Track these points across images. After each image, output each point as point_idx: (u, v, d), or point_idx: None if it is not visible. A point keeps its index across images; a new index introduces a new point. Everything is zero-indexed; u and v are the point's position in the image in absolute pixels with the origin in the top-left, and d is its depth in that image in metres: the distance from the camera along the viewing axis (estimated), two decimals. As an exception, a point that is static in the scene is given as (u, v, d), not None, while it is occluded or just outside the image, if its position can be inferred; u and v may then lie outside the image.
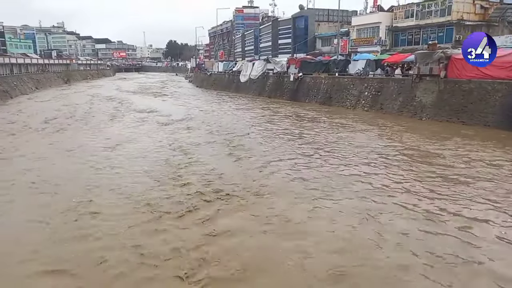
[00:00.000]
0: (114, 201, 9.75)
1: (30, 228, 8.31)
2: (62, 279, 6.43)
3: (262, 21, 69.21)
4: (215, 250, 7.27)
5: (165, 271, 6.59)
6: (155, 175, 11.93)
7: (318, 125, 21.30)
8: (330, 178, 11.52)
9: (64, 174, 12.14)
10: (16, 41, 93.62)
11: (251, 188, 10.65)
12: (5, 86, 41.06)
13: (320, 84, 31.72)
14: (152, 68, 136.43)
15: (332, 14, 51.24)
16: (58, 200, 9.85)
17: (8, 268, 6.73)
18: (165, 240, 7.69)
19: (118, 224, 8.38)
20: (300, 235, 7.89)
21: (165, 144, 16.60)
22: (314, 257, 7.09)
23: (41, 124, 22.18)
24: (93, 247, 7.43)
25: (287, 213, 8.93)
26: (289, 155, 14.34)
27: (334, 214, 8.91)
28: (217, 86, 52.67)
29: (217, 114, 26.88)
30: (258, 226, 8.33)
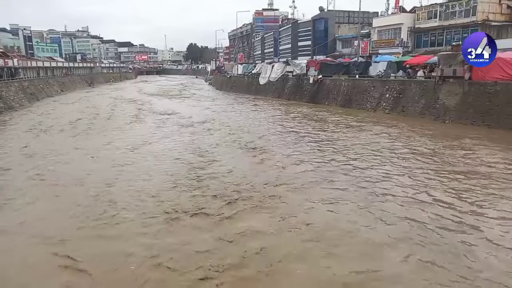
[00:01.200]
0: (132, 200, 9.94)
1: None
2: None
3: (282, 24, 69.23)
4: (234, 251, 7.32)
5: (182, 272, 6.66)
6: (175, 175, 12.09)
7: (339, 128, 21.08)
8: (352, 182, 11.40)
9: (85, 173, 12.47)
10: (43, 45, 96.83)
11: (270, 189, 10.66)
12: (32, 89, 42.46)
13: (340, 86, 31.45)
14: (173, 71, 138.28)
15: (352, 15, 50.81)
16: (78, 198, 10.12)
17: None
18: (183, 240, 7.79)
19: (136, 223, 8.54)
20: (319, 237, 7.86)
21: (185, 145, 16.80)
22: (335, 260, 7.05)
23: (65, 126, 22.82)
24: (109, 247, 7.61)
25: (308, 215, 8.91)
26: (310, 158, 14.26)
27: (357, 218, 8.83)
28: (236, 88, 52.93)
29: (236, 116, 27.01)
30: (278, 228, 8.32)
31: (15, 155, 15.54)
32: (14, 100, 35.01)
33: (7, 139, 19.12)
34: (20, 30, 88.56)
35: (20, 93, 37.66)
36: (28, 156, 15.33)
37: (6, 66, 41.16)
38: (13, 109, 32.42)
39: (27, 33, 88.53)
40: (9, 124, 24.29)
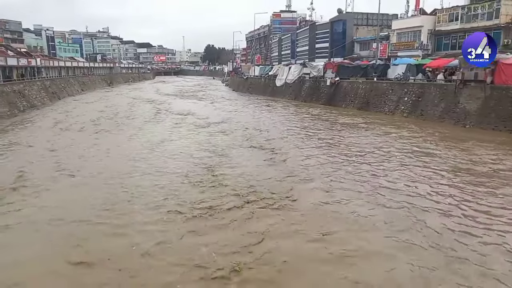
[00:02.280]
0: (148, 200, 10.07)
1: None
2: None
3: (300, 26, 69.02)
4: (249, 252, 7.35)
5: (196, 273, 6.72)
6: (191, 175, 12.21)
7: (356, 131, 20.90)
8: (369, 187, 11.29)
9: (103, 171, 12.73)
10: (65, 45, 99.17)
11: (284, 191, 10.65)
12: (54, 88, 43.52)
13: (357, 89, 31.18)
14: (190, 72, 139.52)
15: (371, 18, 50.25)
16: (94, 189, 10.33)
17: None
18: (198, 241, 7.86)
19: (152, 224, 8.64)
20: (333, 241, 7.82)
21: (201, 145, 16.94)
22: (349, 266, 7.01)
23: (86, 124, 23.31)
24: (125, 242, 7.76)
25: (322, 219, 8.88)
26: (325, 161, 14.19)
27: (375, 223, 8.75)
28: (253, 90, 53.04)
29: (252, 117, 27.07)
30: (293, 230, 8.32)
31: (38, 151, 16.04)
32: (37, 98, 35.94)
33: (31, 136, 19.69)
34: (43, 31, 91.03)
35: (42, 92, 38.64)
36: (50, 151, 15.87)
37: (29, 66, 42.29)
38: (36, 107, 33.29)
39: (50, 33, 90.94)
40: (32, 122, 24.95)
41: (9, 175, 12.29)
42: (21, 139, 18.85)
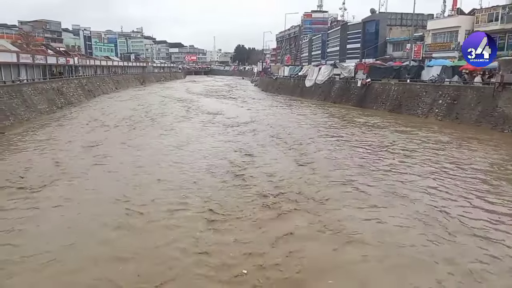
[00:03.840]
0: (176, 198, 10.27)
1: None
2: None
3: (331, 26, 68.32)
4: (274, 253, 7.36)
5: (223, 272, 6.79)
6: (219, 174, 12.35)
7: (389, 134, 20.44)
8: (401, 193, 11.04)
9: (134, 164, 13.11)
10: (101, 45, 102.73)
11: (312, 194, 10.58)
12: (90, 86, 45.17)
13: (389, 91, 30.50)
14: (220, 72, 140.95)
15: (405, 18, 48.99)
16: (124, 192, 10.65)
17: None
18: (223, 240, 7.95)
19: (177, 222, 8.80)
20: (359, 245, 7.71)
21: (230, 145, 17.09)
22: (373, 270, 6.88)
23: (119, 122, 24.06)
24: (150, 241, 7.93)
25: (349, 222, 8.76)
26: (356, 165, 13.94)
27: (401, 227, 8.55)
28: (282, 90, 52.94)
29: (281, 117, 27.01)
30: (318, 232, 8.26)
31: (75, 146, 16.79)
32: (74, 96, 37.43)
33: (68, 132, 20.58)
34: (81, 31, 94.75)
35: (79, 90, 40.20)
36: (86, 147, 16.57)
37: (67, 64, 44.09)
38: (72, 104, 34.67)
39: (87, 33, 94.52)
40: (69, 119, 26.03)
41: (50, 166, 13.02)
42: (59, 134, 19.75)
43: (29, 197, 10.28)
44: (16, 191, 10.78)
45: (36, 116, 26.30)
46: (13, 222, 8.63)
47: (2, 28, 72.97)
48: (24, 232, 8.22)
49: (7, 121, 22.38)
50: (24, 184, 11.29)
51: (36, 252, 7.28)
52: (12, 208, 9.49)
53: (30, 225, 8.52)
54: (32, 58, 34.00)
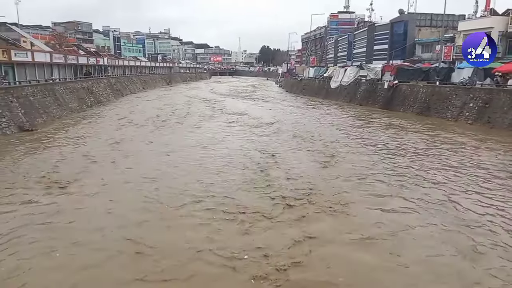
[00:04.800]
0: (200, 198, 10.38)
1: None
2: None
3: (358, 27, 67.34)
4: (296, 255, 7.33)
5: (245, 272, 6.80)
6: (242, 175, 12.42)
7: (416, 136, 19.94)
8: (434, 201, 10.77)
9: (160, 163, 13.36)
10: (129, 45, 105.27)
11: (337, 196, 10.47)
12: (118, 86, 46.37)
13: (417, 93, 29.77)
14: (245, 73, 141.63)
15: (435, 18, 47.68)
16: (152, 192, 10.86)
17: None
18: (248, 240, 7.98)
19: (200, 220, 8.90)
20: (384, 250, 7.57)
21: (253, 145, 17.14)
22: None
23: (146, 121, 24.58)
24: (176, 238, 8.06)
25: (375, 226, 8.62)
26: (381, 170, 13.68)
27: (429, 235, 8.35)
28: (306, 91, 52.62)
29: (305, 119, 26.86)
30: (343, 236, 8.17)
31: (104, 143, 17.36)
32: (103, 95, 38.53)
33: (98, 129, 21.28)
34: (111, 31, 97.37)
35: (108, 89, 41.35)
36: (115, 143, 17.17)
37: (97, 64, 45.46)
38: (101, 103, 35.69)
39: (117, 34, 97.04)
40: (99, 117, 26.82)
41: (80, 162, 13.54)
42: (89, 132, 20.44)
43: (62, 191, 10.68)
44: (50, 184, 11.23)
45: (67, 114, 27.23)
46: (48, 212, 8.99)
47: (37, 29, 75.99)
48: (63, 216, 8.58)
49: (40, 119, 23.28)
50: (57, 178, 11.73)
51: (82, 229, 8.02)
52: (48, 201, 9.87)
53: (63, 217, 8.85)
54: (64, 58, 35.26)
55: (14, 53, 26.39)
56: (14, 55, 26.24)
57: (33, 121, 21.97)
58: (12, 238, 7.81)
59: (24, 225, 8.42)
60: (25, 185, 11.12)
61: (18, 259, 7.02)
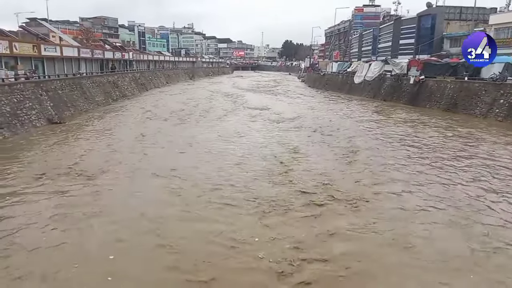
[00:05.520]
0: (222, 191, 10.48)
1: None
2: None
3: (383, 21, 65.97)
4: (317, 251, 7.31)
5: (265, 265, 6.84)
6: (264, 169, 12.43)
7: (443, 133, 19.40)
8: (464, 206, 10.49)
9: (181, 157, 13.54)
10: (154, 40, 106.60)
11: (359, 193, 10.33)
12: (142, 80, 47.16)
13: (444, 89, 28.92)
14: (267, 67, 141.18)
15: (465, 12, 46.18)
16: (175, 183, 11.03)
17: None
18: (268, 235, 7.99)
19: (221, 213, 8.99)
20: (406, 248, 7.45)
21: (275, 140, 17.12)
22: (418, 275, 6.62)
23: (169, 115, 24.93)
24: (198, 228, 8.16)
25: (399, 225, 8.48)
26: (404, 167, 13.40)
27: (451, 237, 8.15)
28: (329, 86, 52.01)
29: (328, 114, 26.58)
30: (366, 233, 8.08)
31: (128, 136, 17.73)
32: (128, 89, 39.30)
33: (123, 122, 21.76)
34: (136, 26, 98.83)
35: (132, 83, 42.13)
36: (139, 136, 17.54)
37: (122, 59, 46.33)
38: (126, 97, 36.42)
39: (141, 29, 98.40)
40: (123, 111, 27.41)
41: (106, 153, 13.91)
42: (114, 125, 20.94)
43: (89, 182, 11.01)
44: (78, 175, 11.62)
45: (93, 107, 27.95)
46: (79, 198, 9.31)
47: (65, 25, 78.04)
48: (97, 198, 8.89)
49: (68, 112, 23.98)
50: (85, 169, 12.11)
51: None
52: (77, 192, 10.20)
53: (92, 205, 9.15)
54: (91, 52, 36.11)
55: (44, 48, 27.22)
56: (44, 49, 27.06)
57: (61, 114, 22.66)
58: (47, 224, 8.15)
59: (55, 215, 8.75)
60: (55, 176, 11.51)
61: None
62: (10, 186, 10.59)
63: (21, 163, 13.03)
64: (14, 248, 7.25)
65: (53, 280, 6.35)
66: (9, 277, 6.36)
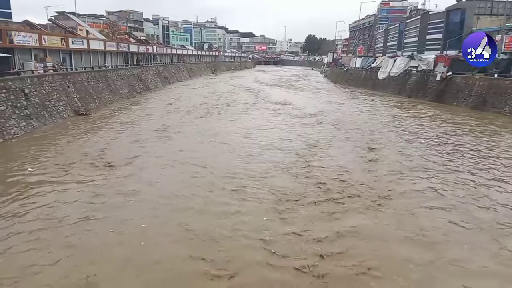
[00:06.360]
0: (244, 184, 10.54)
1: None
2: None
3: (410, 15, 64.23)
4: (337, 247, 7.26)
5: (287, 261, 6.85)
6: (284, 164, 12.42)
7: (470, 131, 18.85)
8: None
9: (205, 149, 13.68)
10: (177, 34, 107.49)
11: (380, 191, 10.18)
12: (165, 73, 47.73)
13: (472, 86, 28.00)
14: (289, 62, 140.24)
15: (496, 6, 44.27)
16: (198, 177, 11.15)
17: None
18: (287, 230, 7.97)
19: (242, 207, 9.04)
20: (428, 247, 7.30)
21: (296, 136, 17.05)
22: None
23: (191, 108, 25.20)
24: (220, 222, 8.23)
25: (420, 223, 8.32)
26: (430, 166, 13.08)
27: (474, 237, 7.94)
28: (352, 82, 51.26)
29: (350, 111, 26.23)
30: (386, 231, 7.97)
31: (152, 128, 18.06)
32: (151, 82, 39.87)
33: (147, 115, 22.17)
34: (160, 20, 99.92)
35: (156, 77, 42.70)
36: (162, 128, 17.84)
37: (147, 52, 46.98)
38: (150, 90, 36.97)
39: (165, 23, 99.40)
40: (147, 103, 27.87)
41: (130, 144, 14.28)
42: (138, 117, 21.35)
43: (113, 171, 11.29)
44: (103, 165, 11.98)
45: (118, 100, 28.52)
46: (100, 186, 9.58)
47: (92, 18, 79.63)
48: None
49: (93, 104, 24.57)
50: (109, 160, 12.45)
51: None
52: (101, 181, 10.49)
53: (119, 193, 9.39)
54: (116, 46, 36.79)
55: (72, 41, 27.91)
56: (71, 42, 27.76)
57: (87, 105, 23.23)
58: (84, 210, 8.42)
59: (88, 202, 9.05)
60: (81, 166, 11.89)
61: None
62: (44, 174, 11.05)
63: (52, 151, 13.58)
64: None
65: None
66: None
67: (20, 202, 9.05)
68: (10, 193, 9.55)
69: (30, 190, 9.79)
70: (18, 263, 6.51)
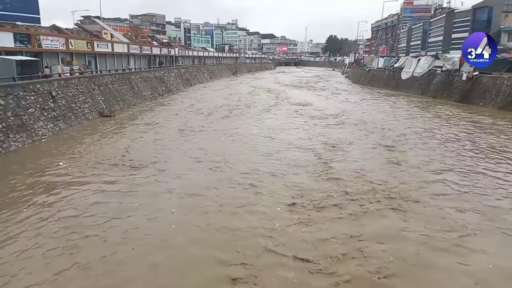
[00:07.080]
0: (266, 184, 10.56)
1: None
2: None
3: (434, 14, 62.90)
4: (358, 250, 7.18)
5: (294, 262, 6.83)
6: (305, 165, 12.37)
7: (499, 134, 18.26)
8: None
9: (224, 153, 13.77)
10: (199, 36, 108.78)
11: (403, 193, 9.99)
12: (187, 75, 48.35)
13: (501, 86, 27.07)
14: (310, 63, 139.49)
15: (527, 3, 42.77)
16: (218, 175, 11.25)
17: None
18: (307, 231, 7.96)
19: (264, 209, 9.08)
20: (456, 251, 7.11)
21: (317, 137, 16.93)
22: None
23: (212, 110, 25.42)
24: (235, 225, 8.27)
25: (445, 227, 8.12)
26: (456, 168, 12.76)
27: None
28: (374, 82, 50.48)
29: (372, 112, 25.81)
30: (409, 235, 7.81)
31: (174, 129, 18.37)
32: (173, 84, 40.47)
33: (169, 116, 22.56)
34: (182, 23, 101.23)
35: (177, 79, 43.31)
36: (184, 129, 18.11)
37: (169, 55, 47.73)
38: (171, 92, 37.52)
39: (187, 25, 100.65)
40: (169, 105, 28.31)
41: (153, 146, 14.62)
42: (161, 119, 21.71)
43: (139, 171, 11.53)
44: (125, 167, 12.23)
45: (141, 101, 29.07)
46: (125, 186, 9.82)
47: (116, 22, 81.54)
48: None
49: (117, 106, 25.13)
50: (134, 160, 12.72)
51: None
52: (126, 181, 10.73)
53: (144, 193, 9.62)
54: (139, 48, 37.55)
55: (97, 44, 28.67)
56: (97, 46, 28.51)
57: (111, 107, 23.79)
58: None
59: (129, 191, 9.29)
60: (107, 167, 12.18)
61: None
62: (70, 175, 11.43)
63: (79, 152, 14.00)
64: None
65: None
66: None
67: (68, 191, 10.03)
68: (51, 186, 10.37)
69: (67, 185, 10.45)
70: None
